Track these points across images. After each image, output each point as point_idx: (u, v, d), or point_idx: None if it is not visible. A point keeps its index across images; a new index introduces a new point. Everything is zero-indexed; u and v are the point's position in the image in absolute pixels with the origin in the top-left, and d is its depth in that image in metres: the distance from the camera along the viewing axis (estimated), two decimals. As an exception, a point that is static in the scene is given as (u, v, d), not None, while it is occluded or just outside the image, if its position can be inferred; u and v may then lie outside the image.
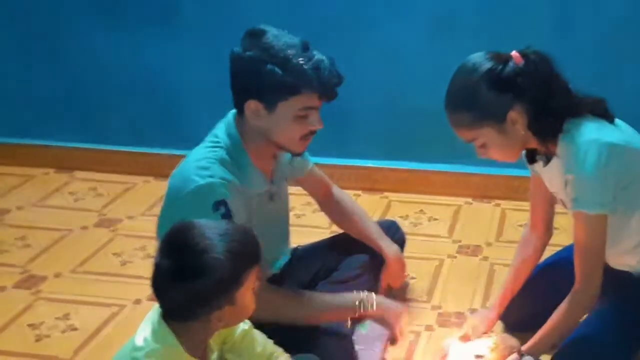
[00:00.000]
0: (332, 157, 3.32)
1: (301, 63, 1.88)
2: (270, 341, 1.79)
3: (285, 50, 1.88)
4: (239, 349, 1.74)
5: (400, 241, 2.54)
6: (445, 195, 3.29)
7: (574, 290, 1.93)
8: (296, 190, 2.40)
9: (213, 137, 2.01)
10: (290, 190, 2.30)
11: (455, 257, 2.86)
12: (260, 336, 1.78)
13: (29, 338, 2.43)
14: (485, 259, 2.84)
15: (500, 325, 2.34)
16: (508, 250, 2.63)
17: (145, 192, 3.41)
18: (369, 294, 2.19)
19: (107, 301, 2.61)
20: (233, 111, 2.04)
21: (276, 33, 1.92)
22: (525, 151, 2.03)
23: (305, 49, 1.92)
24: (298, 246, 2.45)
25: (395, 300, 2.36)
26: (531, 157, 2.04)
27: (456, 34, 3.08)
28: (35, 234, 3.07)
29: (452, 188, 3.31)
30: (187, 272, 1.49)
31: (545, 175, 2.07)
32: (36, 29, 3.49)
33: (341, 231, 2.49)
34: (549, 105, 1.87)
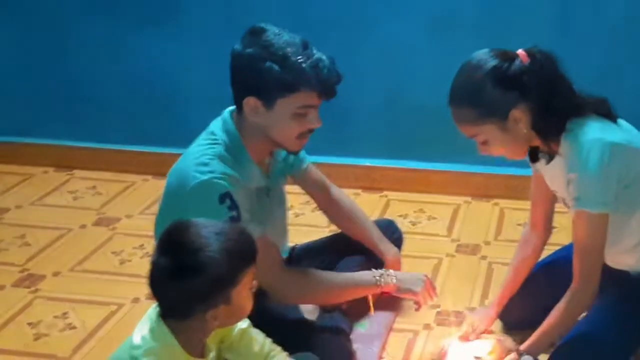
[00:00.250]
0: (332, 156, 3.32)
1: (300, 61, 1.88)
2: (269, 340, 1.79)
3: (284, 48, 1.89)
4: (237, 348, 1.74)
5: (398, 240, 2.54)
6: (445, 194, 3.29)
7: (572, 289, 1.93)
8: (295, 189, 2.40)
9: (210, 135, 2.00)
10: (289, 189, 2.31)
11: (454, 256, 2.86)
12: (258, 335, 1.78)
13: (27, 337, 2.43)
14: (484, 258, 2.84)
15: (499, 324, 2.34)
16: (507, 249, 2.63)
17: (144, 191, 3.41)
18: (386, 270, 2.20)
19: (106, 300, 2.61)
20: (228, 109, 2.04)
21: (276, 31, 1.92)
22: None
23: (305, 47, 1.92)
24: (296, 245, 2.45)
25: (391, 300, 2.36)
26: (534, 155, 2.04)
27: (456, 34, 3.08)
28: (34, 233, 3.07)
29: (451, 187, 3.31)
30: (183, 271, 1.49)
31: (547, 173, 2.07)
32: (36, 28, 3.49)
33: (339, 230, 2.49)
34: (553, 105, 1.87)
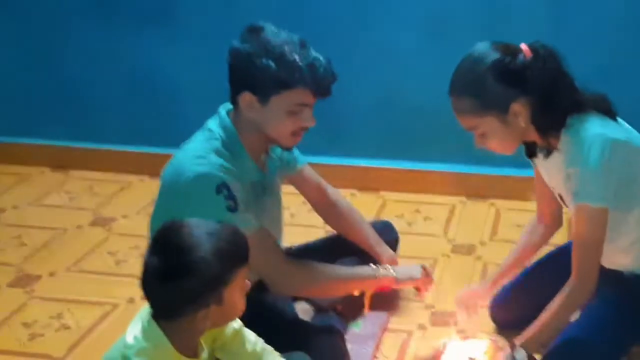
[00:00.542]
0: (328, 156, 3.32)
1: (296, 59, 1.90)
2: (261, 340, 1.79)
3: (282, 46, 1.91)
4: (229, 348, 1.74)
5: (394, 242, 2.55)
6: (440, 195, 3.29)
7: (570, 284, 1.91)
8: (291, 189, 2.40)
9: (206, 131, 2.02)
10: (285, 189, 2.31)
11: (449, 256, 2.86)
12: (251, 335, 1.77)
13: (22, 337, 2.43)
14: (479, 258, 2.84)
15: (492, 325, 2.35)
16: (502, 249, 2.63)
17: (141, 191, 3.41)
18: (383, 264, 2.26)
19: (101, 300, 2.61)
20: (224, 107, 2.06)
21: (275, 30, 1.95)
22: (524, 145, 2.03)
23: (302, 46, 1.93)
24: (292, 246, 2.45)
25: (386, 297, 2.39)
26: (530, 151, 2.04)
27: (451, 35, 3.07)
28: (31, 233, 3.07)
29: (447, 187, 3.31)
30: (174, 271, 1.49)
31: (543, 169, 2.08)
32: (33, 28, 3.49)
33: (335, 232, 2.49)
34: (554, 100, 1.87)
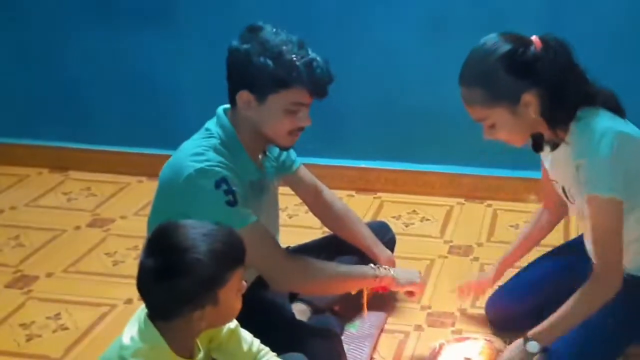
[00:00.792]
0: (326, 158, 3.33)
1: (294, 59, 1.91)
2: (257, 340, 1.79)
3: (280, 45, 1.92)
4: (225, 348, 1.74)
5: (391, 243, 2.56)
6: (438, 196, 3.30)
7: (592, 278, 1.87)
8: (288, 190, 2.40)
9: (204, 131, 2.04)
10: (282, 190, 2.31)
11: (446, 257, 2.87)
12: (247, 335, 1.78)
13: (20, 337, 2.43)
14: (476, 259, 2.84)
15: (488, 326, 2.36)
16: (499, 250, 2.62)
17: (139, 193, 3.41)
18: (380, 265, 2.28)
19: (99, 301, 2.61)
20: (222, 107, 2.06)
21: (274, 30, 1.96)
22: (531, 137, 2.01)
23: (301, 46, 1.95)
24: (289, 247, 2.45)
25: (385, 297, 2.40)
26: (537, 145, 2.03)
27: (450, 36, 3.08)
28: (28, 234, 3.08)
29: (445, 188, 3.32)
30: (169, 272, 1.50)
31: (548, 162, 2.08)
32: (32, 29, 3.50)
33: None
34: (564, 93, 1.87)
